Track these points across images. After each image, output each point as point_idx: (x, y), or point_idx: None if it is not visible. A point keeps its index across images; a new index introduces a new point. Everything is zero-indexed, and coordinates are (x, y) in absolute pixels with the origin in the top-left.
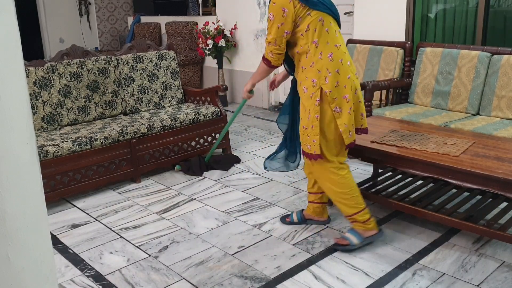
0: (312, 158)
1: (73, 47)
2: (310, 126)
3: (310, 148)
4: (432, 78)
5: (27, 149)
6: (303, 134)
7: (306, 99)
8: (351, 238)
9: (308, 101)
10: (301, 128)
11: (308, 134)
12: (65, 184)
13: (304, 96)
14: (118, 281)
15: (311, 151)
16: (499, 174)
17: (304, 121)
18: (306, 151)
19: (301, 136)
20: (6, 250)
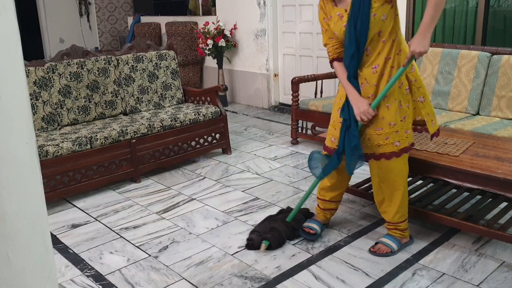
0: (407, 151)
1: (73, 47)
2: (399, 119)
3: (401, 143)
4: (432, 78)
5: (27, 149)
6: (390, 132)
7: (393, 91)
8: (393, 245)
9: (396, 93)
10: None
11: (398, 129)
12: (65, 184)
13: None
14: (118, 281)
15: (404, 145)
16: (499, 174)
17: (390, 118)
18: (394, 150)
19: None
20: (6, 250)
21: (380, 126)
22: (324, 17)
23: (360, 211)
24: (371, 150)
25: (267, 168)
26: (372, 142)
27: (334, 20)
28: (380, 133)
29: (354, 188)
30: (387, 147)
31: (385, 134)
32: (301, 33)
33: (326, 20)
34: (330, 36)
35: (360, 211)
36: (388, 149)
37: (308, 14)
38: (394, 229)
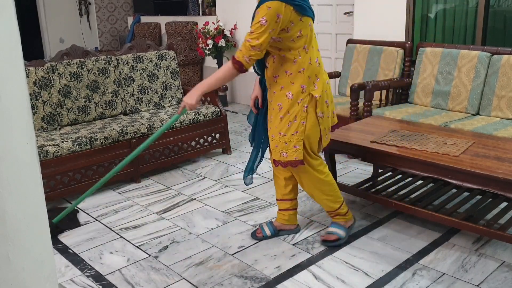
0: (293, 165)
1: (73, 47)
2: (290, 133)
3: (288, 155)
4: (432, 78)
5: (27, 149)
6: (279, 141)
7: (291, 104)
8: (339, 232)
9: (294, 107)
10: (275, 135)
11: (287, 140)
12: (65, 184)
13: (287, 102)
14: (118, 281)
15: (290, 158)
16: (499, 174)
17: (282, 128)
18: (281, 160)
19: (275, 143)
20: (6, 250)
21: (273, 133)
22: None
23: (360, 211)
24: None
25: (267, 168)
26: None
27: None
28: (272, 140)
29: (354, 188)
30: (275, 154)
31: (275, 142)
32: None
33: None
34: None
35: (360, 211)
36: (276, 157)
37: None
38: (336, 215)
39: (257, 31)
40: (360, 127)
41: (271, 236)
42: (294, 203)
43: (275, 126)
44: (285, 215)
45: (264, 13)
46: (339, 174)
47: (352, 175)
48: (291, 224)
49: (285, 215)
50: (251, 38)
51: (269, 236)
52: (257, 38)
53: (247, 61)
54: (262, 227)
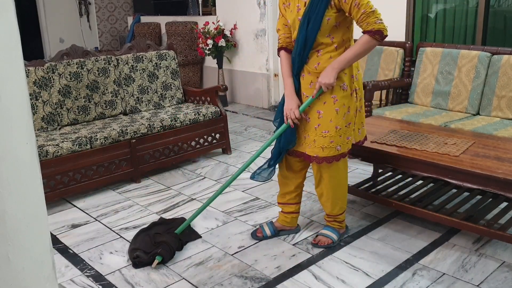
0: (343, 156)
1: (73, 47)
2: (345, 125)
3: (341, 148)
4: (432, 78)
5: (27, 149)
6: (335, 135)
7: (346, 96)
8: (333, 236)
9: (348, 98)
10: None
11: (341, 133)
12: (65, 184)
13: (342, 94)
14: (118, 281)
15: (343, 150)
16: (499, 174)
17: (338, 121)
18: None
19: (330, 139)
20: (6, 250)
21: (327, 128)
22: (283, 2)
23: (360, 211)
24: (314, 152)
25: None
26: (317, 144)
27: (291, 8)
28: (326, 136)
29: (354, 188)
30: (330, 150)
31: (331, 137)
32: None
33: (285, 6)
34: (284, 22)
35: (360, 211)
36: (331, 153)
37: None
38: (333, 221)
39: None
40: None
41: (271, 236)
42: (298, 207)
43: (329, 121)
44: (287, 217)
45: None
46: None
47: (352, 175)
48: (291, 226)
49: (287, 217)
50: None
51: (269, 236)
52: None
53: (385, 25)
54: (262, 227)
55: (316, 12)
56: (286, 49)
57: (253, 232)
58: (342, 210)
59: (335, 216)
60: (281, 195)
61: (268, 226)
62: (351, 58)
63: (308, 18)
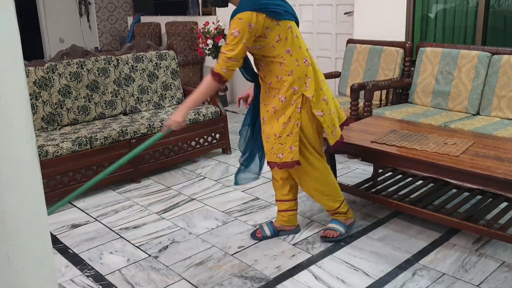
0: (289, 166)
1: (73, 47)
2: (286, 134)
3: (284, 156)
4: (432, 78)
5: (27, 149)
6: (274, 142)
7: (285, 107)
8: (340, 228)
9: (288, 109)
10: (271, 137)
11: (282, 142)
12: (65, 184)
13: (280, 104)
14: (118, 281)
15: (286, 159)
16: (499, 174)
17: (277, 129)
18: (277, 161)
19: (270, 145)
20: (6, 250)
21: (268, 134)
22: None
23: (360, 211)
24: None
25: (267, 168)
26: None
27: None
28: (268, 142)
29: (354, 188)
30: (272, 156)
31: (271, 143)
32: (301, 33)
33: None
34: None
35: (360, 211)
36: (272, 159)
37: (308, 14)
38: (336, 213)
39: (231, 43)
40: (360, 127)
41: (271, 236)
42: (293, 204)
43: (270, 128)
44: (284, 216)
45: (236, 25)
46: (339, 174)
47: (352, 175)
48: (291, 225)
49: (284, 216)
50: (226, 50)
51: (269, 236)
52: (232, 50)
53: (225, 72)
54: (262, 227)
55: None
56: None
57: (252, 232)
58: (338, 203)
59: (334, 210)
60: (276, 194)
61: (267, 226)
62: (197, 97)
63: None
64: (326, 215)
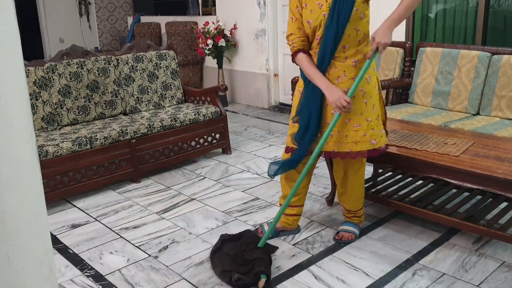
0: (383, 151)
1: (73, 47)
2: (375, 117)
3: (377, 142)
4: (432, 78)
5: (27, 149)
6: (367, 128)
7: (371, 88)
8: (355, 231)
9: (373, 91)
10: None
11: (373, 126)
12: (65, 184)
13: (368, 86)
14: (118, 281)
15: (380, 144)
16: (499, 174)
17: (368, 114)
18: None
19: (362, 132)
20: (6, 250)
21: (358, 122)
22: (297, 5)
23: None
24: (347, 148)
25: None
26: (349, 139)
27: (311, 8)
28: (358, 130)
29: None
30: (364, 144)
31: (363, 130)
32: None
33: (299, 9)
34: (299, 26)
35: None
36: (365, 147)
37: None
38: (354, 216)
39: None
40: None
41: (272, 236)
42: (301, 210)
43: (360, 114)
44: (289, 219)
45: None
46: None
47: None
48: (292, 227)
49: (289, 219)
50: None
51: (270, 237)
52: None
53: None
54: (262, 226)
55: (345, 2)
56: (304, 51)
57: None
58: (362, 205)
59: (355, 211)
60: (284, 197)
61: (269, 226)
62: (402, 14)
63: (338, 11)
64: (326, 215)
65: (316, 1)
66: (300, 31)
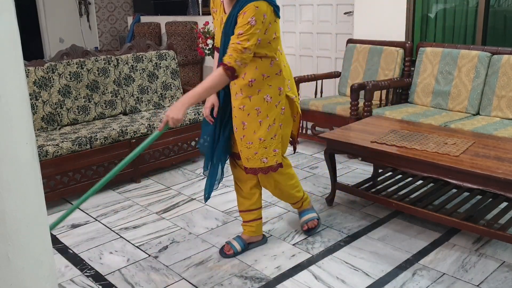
0: (273, 170)
1: (73, 47)
2: (270, 137)
3: (268, 160)
4: (432, 78)
5: (27, 149)
6: (259, 147)
7: (269, 108)
8: (314, 214)
9: (273, 111)
10: (254, 142)
11: (266, 145)
12: (65, 184)
13: (265, 105)
14: (118, 281)
15: (271, 163)
16: (499, 174)
17: (261, 133)
18: (262, 167)
19: (254, 150)
20: (6, 250)
21: (251, 140)
22: (212, 7)
23: (360, 211)
24: (243, 162)
25: None
26: (242, 154)
27: (217, 17)
28: (250, 147)
29: (354, 188)
30: (255, 162)
31: (254, 148)
32: (301, 33)
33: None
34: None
35: (360, 211)
36: (256, 165)
37: (308, 14)
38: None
39: (247, 32)
40: (360, 127)
41: (241, 251)
42: (260, 212)
43: (253, 132)
44: (252, 226)
45: (253, 13)
46: (339, 174)
47: (352, 175)
48: (258, 235)
49: (252, 226)
50: (241, 40)
51: (240, 252)
52: (248, 40)
53: (239, 65)
54: (230, 243)
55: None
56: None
57: (221, 250)
58: (301, 192)
59: (300, 198)
60: (241, 204)
61: (236, 241)
62: (202, 92)
63: (225, 33)
64: (326, 215)
65: (220, 14)
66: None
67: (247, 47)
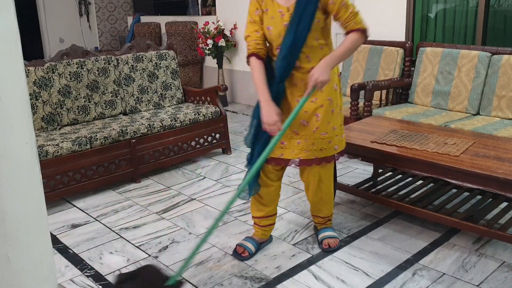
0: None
1: (73, 47)
2: (339, 124)
3: (339, 146)
4: (432, 78)
5: (27, 149)
6: (333, 136)
7: (337, 96)
8: (335, 234)
9: (339, 98)
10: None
11: (337, 133)
12: (65, 184)
13: (334, 94)
14: None
15: (340, 149)
16: (499, 174)
17: (335, 122)
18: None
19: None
20: (6, 250)
21: (325, 130)
22: (257, 8)
23: (360, 211)
24: (313, 155)
25: None
26: (316, 146)
27: (272, 14)
28: (324, 138)
29: (354, 188)
30: (330, 150)
31: (329, 138)
32: None
33: (259, 12)
34: (256, 29)
35: (360, 211)
36: (331, 153)
37: None
38: (328, 221)
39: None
40: (360, 127)
41: (255, 252)
42: (275, 218)
43: (327, 122)
44: (267, 230)
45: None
46: (339, 174)
47: (352, 175)
48: (267, 238)
49: (267, 230)
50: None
51: (254, 253)
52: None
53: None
54: (243, 245)
55: (306, 14)
56: (257, 56)
57: (235, 252)
58: (332, 209)
59: (329, 216)
60: (258, 210)
61: (249, 242)
62: (343, 54)
63: (298, 21)
64: None
65: (277, 8)
66: (257, 34)
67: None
